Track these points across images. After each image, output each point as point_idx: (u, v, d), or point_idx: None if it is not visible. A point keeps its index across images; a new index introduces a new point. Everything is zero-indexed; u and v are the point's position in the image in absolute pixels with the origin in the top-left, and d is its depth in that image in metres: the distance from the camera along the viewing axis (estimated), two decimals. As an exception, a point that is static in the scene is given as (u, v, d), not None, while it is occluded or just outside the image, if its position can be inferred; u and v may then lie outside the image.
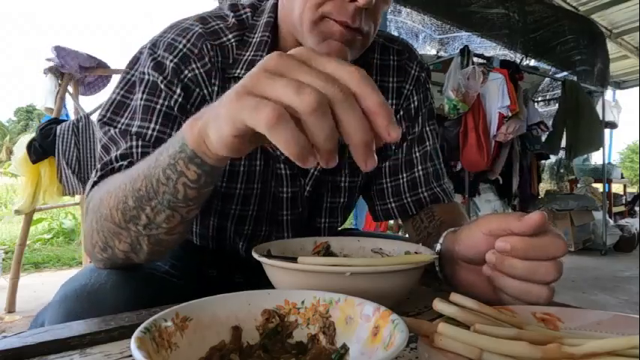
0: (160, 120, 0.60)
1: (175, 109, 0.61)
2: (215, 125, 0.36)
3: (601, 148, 4.57)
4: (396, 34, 3.95)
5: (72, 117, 2.80)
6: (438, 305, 0.38)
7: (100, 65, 2.78)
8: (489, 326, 0.35)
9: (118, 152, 0.58)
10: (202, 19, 0.64)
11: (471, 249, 0.50)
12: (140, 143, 0.58)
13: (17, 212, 2.62)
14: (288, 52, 0.34)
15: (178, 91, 0.61)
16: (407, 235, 0.84)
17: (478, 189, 3.71)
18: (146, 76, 0.61)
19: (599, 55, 4.74)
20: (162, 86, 0.60)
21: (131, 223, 0.49)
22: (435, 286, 0.61)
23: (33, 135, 2.57)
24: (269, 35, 0.64)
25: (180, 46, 0.61)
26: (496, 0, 3.85)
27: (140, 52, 0.64)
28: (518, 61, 4.14)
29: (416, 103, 0.76)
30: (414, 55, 0.77)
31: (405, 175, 0.76)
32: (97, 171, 0.59)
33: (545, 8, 4.20)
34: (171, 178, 0.44)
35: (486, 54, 3.75)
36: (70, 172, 2.50)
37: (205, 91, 0.62)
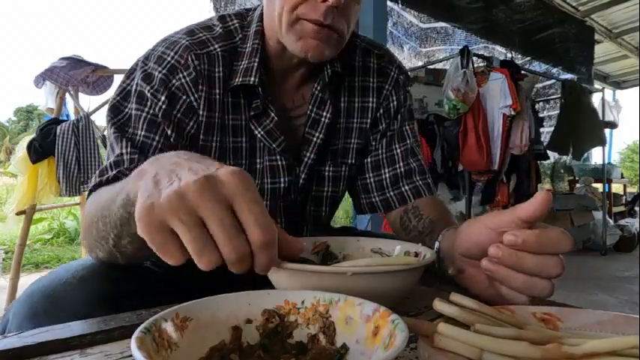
0: (144, 127, 0.65)
1: (159, 115, 0.65)
2: (136, 209, 0.36)
3: (602, 146, 4.58)
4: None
5: (72, 117, 2.80)
6: (438, 305, 0.38)
7: (97, 67, 2.78)
8: (489, 326, 0.36)
9: (112, 159, 0.64)
10: (190, 31, 0.69)
11: (472, 243, 0.50)
12: (129, 150, 0.63)
13: (18, 213, 2.62)
14: (217, 176, 0.35)
15: (163, 98, 0.65)
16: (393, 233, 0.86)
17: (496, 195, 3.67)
18: (138, 87, 0.66)
19: (588, 55, 4.77)
20: (148, 95, 0.65)
21: (103, 241, 0.54)
22: (436, 286, 0.61)
23: (33, 135, 2.57)
24: (259, 42, 0.70)
25: (169, 59, 0.66)
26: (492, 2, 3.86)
27: (136, 64, 0.69)
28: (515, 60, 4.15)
29: (395, 102, 0.81)
30: (393, 59, 0.83)
31: (387, 170, 0.81)
32: (95, 177, 0.64)
33: (540, 10, 4.22)
34: (124, 216, 0.47)
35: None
36: (67, 172, 2.50)
37: (192, 98, 0.67)
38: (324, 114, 0.74)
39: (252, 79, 0.67)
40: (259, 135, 0.70)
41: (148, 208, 0.35)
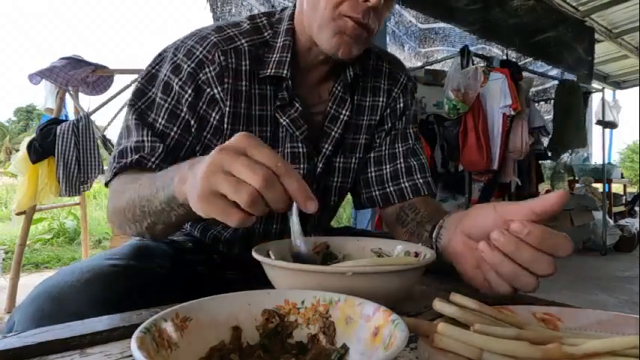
0: (165, 116, 0.70)
1: (185, 107, 0.70)
2: (191, 203, 0.46)
3: (583, 147, 4.54)
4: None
5: (72, 117, 2.80)
6: (438, 305, 0.38)
7: (97, 67, 2.78)
8: (489, 326, 0.36)
9: (132, 143, 0.68)
10: (219, 28, 0.73)
11: (478, 223, 0.52)
12: (150, 138, 0.68)
13: (18, 214, 2.62)
14: (228, 143, 0.44)
15: (190, 91, 0.69)
16: (387, 230, 0.90)
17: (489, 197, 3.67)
18: (165, 77, 0.70)
19: (586, 55, 4.77)
20: (176, 87, 0.69)
21: (137, 223, 0.62)
22: (435, 286, 0.61)
23: (33, 135, 2.58)
24: (290, 39, 0.74)
25: (197, 53, 0.70)
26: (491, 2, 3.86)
27: (165, 52, 0.74)
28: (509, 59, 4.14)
29: (401, 104, 0.86)
30: (402, 67, 0.90)
31: (388, 165, 0.85)
32: (114, 157, 0.69)
33: (540, 11, 4.21)
34: (166, 210, 0.56)
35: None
36: (67, 172, 2.50)
37: (215, 90, 0.70)
38: (344, 112, 0.79)
39: (285, 72, 0.72)
40: (284, 123, 0.74)
41: (198, 189, 0.43)
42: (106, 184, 0.71)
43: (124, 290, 0.55)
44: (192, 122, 0.70)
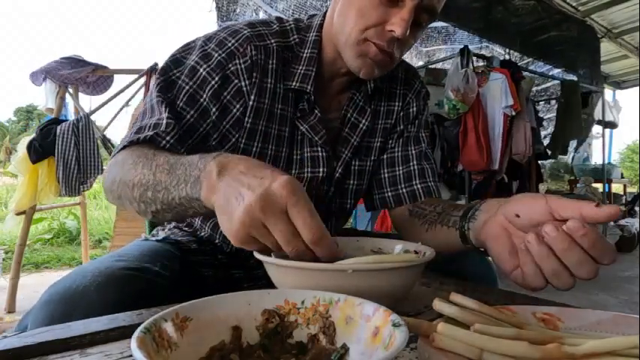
0: (184, 99, 0.70)
1: (206, 93, 0.70)
2: (223, 228, 0.47)
3: (583, 137, 4.53)
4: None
5: (72, 117, 2.80)
6: (438, 305, 0.38)
7: (97, 67, 2.78)
8: (489, 326, 0.36)
9: (152, 121, 0.68)
10: (251, 24, 0.75)
11: (524, 209, 0.51)
12: (167, 115, 0.67)
13: (18, 214, 2.63)
14: (272, 195, 0.43)
15: (217, 78, 0.70)
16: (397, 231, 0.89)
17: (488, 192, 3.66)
18: (192, 63, 0.71)
19: (592, 55, 4.77)
20: (203, 73, 0.70)
21: (143, 204, 0.59)
22: (435, 286, 0.61)
23: (33, 135, 2.58)
24: (317, 52, 0.76)
25: (229, 44, 0.72)
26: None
27: (194, 42, 0.75)
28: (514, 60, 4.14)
29: (415, 108, 0.88)
30: (417, 75, 0.92)
31: (401, 167, 0.86)
32: (132, 133, 0.68)
33: (542, 11, 4.21)
34: (184, 205, 0.54)
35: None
36: (67, 173, 2.50)
37: (243, 83, 0.72)
38: (363, 121, 0.82)
39: (309, 87, 0.74)
40: (303, 129, 0.76)
41: (235, 231, 0.44)
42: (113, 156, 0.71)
43: (137, 294, 0.55)
44: (214, 110, 0.70)
